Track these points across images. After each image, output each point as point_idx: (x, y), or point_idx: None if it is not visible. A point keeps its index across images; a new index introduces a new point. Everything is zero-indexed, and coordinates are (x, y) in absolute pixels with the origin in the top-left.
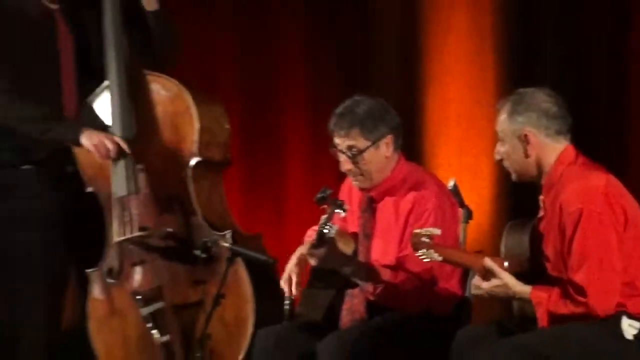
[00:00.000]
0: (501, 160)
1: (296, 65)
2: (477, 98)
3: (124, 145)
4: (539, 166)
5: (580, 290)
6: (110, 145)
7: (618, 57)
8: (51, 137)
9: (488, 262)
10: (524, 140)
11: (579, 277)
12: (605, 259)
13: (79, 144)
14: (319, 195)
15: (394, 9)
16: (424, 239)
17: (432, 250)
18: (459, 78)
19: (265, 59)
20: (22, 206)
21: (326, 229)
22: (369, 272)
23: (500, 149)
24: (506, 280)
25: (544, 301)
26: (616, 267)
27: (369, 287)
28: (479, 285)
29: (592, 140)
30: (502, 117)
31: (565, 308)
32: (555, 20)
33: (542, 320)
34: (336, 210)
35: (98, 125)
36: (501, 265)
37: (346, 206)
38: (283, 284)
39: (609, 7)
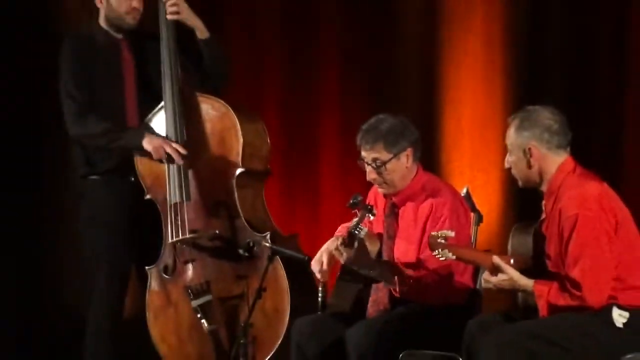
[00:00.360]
0: (510, 168)
1: (331, 86)
2: (487, 116)
3: (181, 149)
4: (541, 175)
5: (576, 285)
6: (168, 149)
7: (617, 86)
8: (119, 145)
9: (496, 259)
10: (528, 153)
11: (574, 274)
12: (598, 258)
13: (141, 148)
14: (351, 201)
15: (416, 37)
16: (439, 240)
17: (446, 250)
18: (472, 98)
19: (304, 81)
20: (90, 211)
21: (357, 230)
22: (394, 273)
23: (509, 158)
24: (511, 275)
25: (545, 294)
26: (607, 265)
27: (394, 286)
28: (488, 279)
29: (591, 152)
30: (511, 130)
31: (563, 300)
32: (559, 49)
33: (543, 310)
34: (367, 214)
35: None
36: (508, 262)
37: (375, 211)
38: (314, 265)
39: (609, 36)
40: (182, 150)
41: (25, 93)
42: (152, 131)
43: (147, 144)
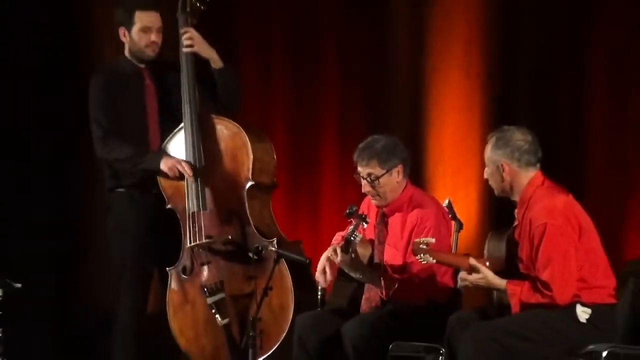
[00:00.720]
0: (487, 179)
1: (331, 110)
2: (466, 138)
3: (189, 167)
4: (512, 188)
5: (547, 286)
6: (181, 167)
7: (578, 107)
8: (141, 168)
9: (472, 260)
10: (501, 168)
11: (545, 276)
12: (564, 262)
13: (159, 170)
14: (347, 211)
15: (405, 68)
16: (422, 245)
17: (427, 255)
18: (452, 122)
19: (307, 105)
20: (117, 221)
21: (353, 237)
22: (381, 279)
23: (487, 170)
24: (486, 275)
25: (517, 292)
26: (573, 268)
27: (381, 289)
28: (465, 277)
29: (557, 167)
30: (488, 147)
31: (534, 299)
32: (527, 80)
33: (515, 307)
34: (361, 223)
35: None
36: (484, 264)
37: (368, 219)
38: (318, 275)
39: (568, 71)
40: (190, 171)
41: (61, 121)
42: (169, 153)
43: (163, 165)
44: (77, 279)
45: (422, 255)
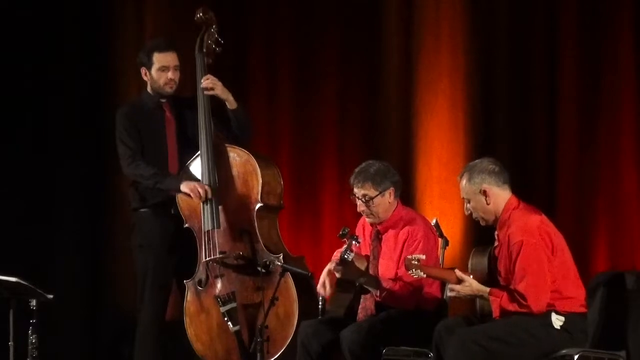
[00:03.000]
0: (470, 214)
1: (331, 139)
2: (451, 163)
3: (209, 190)
4: (496, 211)
5: (522, 296)
6: (201, 190)
7: (552, 133)
8: (162, 187)
9: (458, 272)
10: (484, 193)
11: (520, 287)
12: (538, 275)
13: (179, 190)
14: (341, 232)
15: (395, 100)
16: (413, 261)
17: (419, 270)
18: (439, 149)
19: (310, 135)
20: (141, 238)
21: (346, 255)
22: (377, 282)
23: (468, 206)
24: (471, 283)
25: (499, 299)
26: (545, 281)
27: (376, 292)
28: (453, 288)
29: (532, 188)
30: (463, 183)
31: (512, 307)
32: (506, 119)
33: (496, 312)
34: (353, 242)
35: (193, 180)
36: (453, 274)
37: (360, 239)
38: (319, 288)
39: (543, 96)
40: (209, 193)
41: (90, 149)
42: (188, 176)
43: (184, 187)
44: (106, 288)
45: (413, 270)
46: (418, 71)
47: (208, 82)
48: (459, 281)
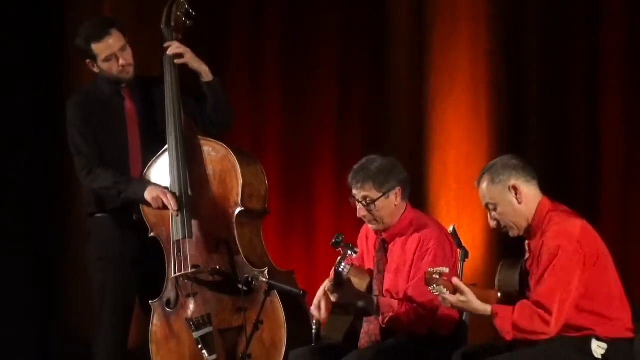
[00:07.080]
0: (498, 226)
1: (327, 131)
2: (472, 158)
3: (174, 199)
4: (528, 214)
5: (547, 310)
6: (164, 199)
7: (593, 131)
8: (126, 196)
9: (455, 280)
10: (514, 189)
11: (546, 299)
12: (567, 290)
13: (144, 200)
14: (333, 241)
15: (406, 87)
16: (435, 275)
17: (441, 286)
18: (457, 142)
19: (302, 126)
20: (97, 247)
21: (341, 268)
22: (379, 305)
23: (494, 213)
24: (469, 298)
25: (509, 314)
26: (572, 298)
27: (379, 317)
28: (446, 297)
29: (571, 192)
30: (484, 188)
31: (529, 323)
32: (539, 102)
33: (507, 334)
34: (349, 252)
35: (158, 184)
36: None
37: (357, 249)
38: (313, 310)
39: (582, 90)
40: (175, 205)
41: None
42: (152, 178)
43: (147, 194)
44: (56, 307)
45: (435, 286)
46: (432, 46)
47: (175, 48)
48: (456, 290)
